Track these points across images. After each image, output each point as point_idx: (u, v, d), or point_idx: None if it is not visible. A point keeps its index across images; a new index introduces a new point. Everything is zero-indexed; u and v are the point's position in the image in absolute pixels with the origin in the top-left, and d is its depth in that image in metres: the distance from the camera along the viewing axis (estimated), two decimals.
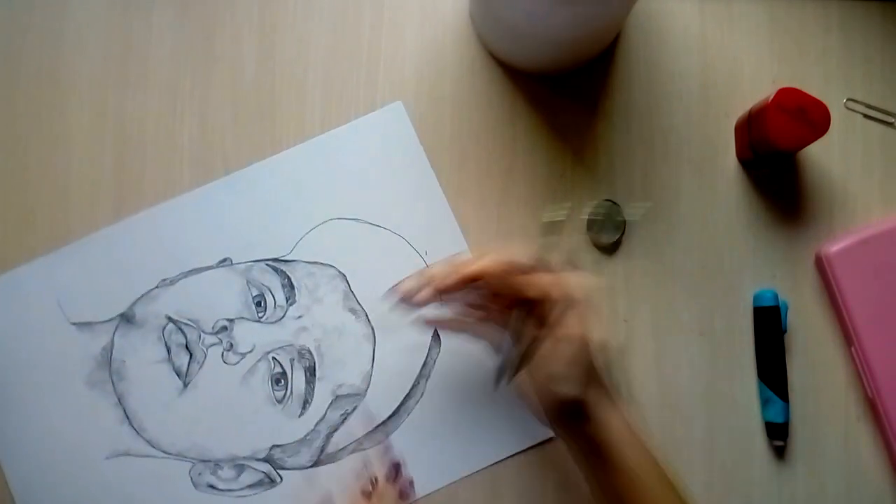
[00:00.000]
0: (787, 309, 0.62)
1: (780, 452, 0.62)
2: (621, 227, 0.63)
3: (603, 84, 0.64)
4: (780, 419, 0.61)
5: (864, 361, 0.61)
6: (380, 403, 0.62)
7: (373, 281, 0.63)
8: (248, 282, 0.62)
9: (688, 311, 0.63)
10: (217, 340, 0.62)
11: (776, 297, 0.61)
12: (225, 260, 0.63)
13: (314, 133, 0.64)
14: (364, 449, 0.62)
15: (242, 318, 0.62)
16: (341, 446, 0.62)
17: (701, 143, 0.64)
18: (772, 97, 0.57)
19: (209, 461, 0.62)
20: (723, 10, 0.65)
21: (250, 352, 0.62)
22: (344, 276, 0.63)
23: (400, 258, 0.63)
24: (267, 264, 0.63)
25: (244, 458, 0.62)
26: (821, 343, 0.63)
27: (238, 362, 0.62)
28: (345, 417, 0.62)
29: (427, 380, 0.62)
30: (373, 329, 0.63)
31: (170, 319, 0.62)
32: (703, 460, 0.62)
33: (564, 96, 0.64)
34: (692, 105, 0.64)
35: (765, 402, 0.62)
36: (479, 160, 0.64)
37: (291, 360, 0.62)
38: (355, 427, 0.62)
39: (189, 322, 0.62)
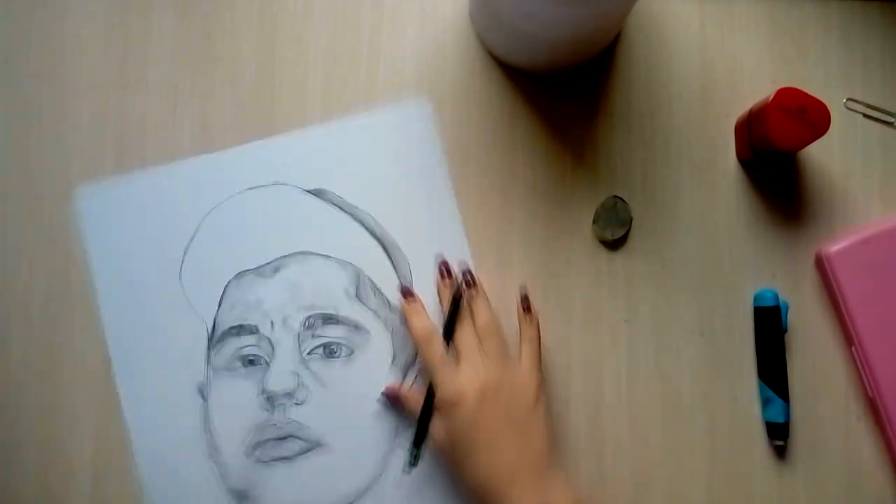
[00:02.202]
0: (787, 309, 0.62)
1: (780, 452, 0.62)
2: (627, 223, 0.63)
3: (603, 84, 0.64)
4: (780, 419, 0.61)
5: (865, 361, 0.61)
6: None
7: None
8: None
9: (688, 311, 0.63)
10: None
11: (776, 296, 0.61)
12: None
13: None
14: None
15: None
16: None
17: (701, 143, 0.64)
18: (772, 97, 0.57)
19: None
20: (723, 11, 0.65)
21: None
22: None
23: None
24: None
25: None
26: (821, 343, 0.63)
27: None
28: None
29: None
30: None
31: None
32: (703, 460, 0.62)
33: (564, 96, 0.64)
34: (692, 105, 0.64)
35: (765, 402, 0.62)
36: (478, 160, 0.64)
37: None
38: None
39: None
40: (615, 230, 0.63)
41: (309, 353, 0.62)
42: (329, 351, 0.62)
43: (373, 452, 0.62)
